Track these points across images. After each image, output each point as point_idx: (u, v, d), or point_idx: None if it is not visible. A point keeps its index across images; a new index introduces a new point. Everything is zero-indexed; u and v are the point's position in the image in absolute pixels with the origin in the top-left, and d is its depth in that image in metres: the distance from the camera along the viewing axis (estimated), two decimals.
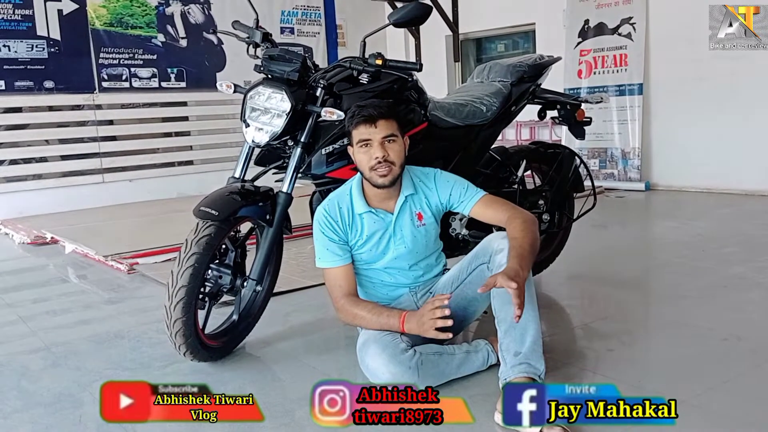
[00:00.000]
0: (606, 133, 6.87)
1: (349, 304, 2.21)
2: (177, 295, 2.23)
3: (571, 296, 3.27)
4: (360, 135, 2.17)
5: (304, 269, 3.75)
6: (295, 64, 2.42)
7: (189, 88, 7.23)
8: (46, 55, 6.36)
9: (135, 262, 4.12)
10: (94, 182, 6.76)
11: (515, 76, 3.06)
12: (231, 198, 2.35)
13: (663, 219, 5.45)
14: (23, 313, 3.29)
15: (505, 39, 8.43)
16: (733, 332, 2.55)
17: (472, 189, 2.30)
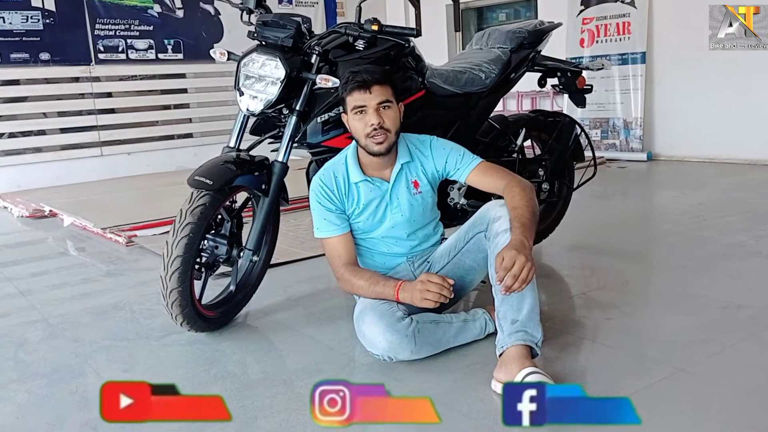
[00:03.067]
0: (608, 102, 6.80)
1: (348, 273, 2.19)
2: (172, 265, 2.22)
3: (570, 266, 3.25)
4: (354, 101, 2.13)
5: (302, 241, 3.73)
6: (289, 30, 2.38)
7: (186, 59, 7.16)
8: (41, 26, 6.28)
9: (133, 235, 4.10)
10: (93, 155, 6.72)
11: (515, 42, 3.01)
12: (226, 167, 2.32)
13: (664, 189, 5.42)
14: (22, 286, 3.28)
15: (507, 8, 8.32)
16: (733, 300, 2.53)
17: (469, 156, 2.27)
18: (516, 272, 1.83)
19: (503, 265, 1.85)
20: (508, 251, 1.86)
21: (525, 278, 1.85)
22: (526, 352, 1.89)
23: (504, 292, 1.88)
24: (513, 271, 1.83)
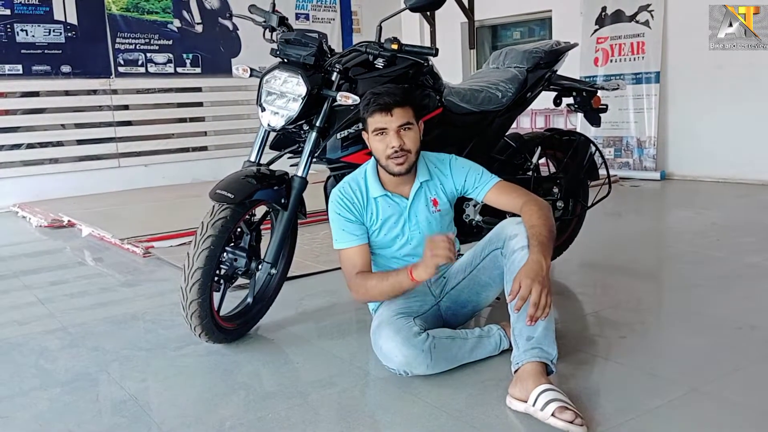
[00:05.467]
0: (622, 121, 6.82)
1: (360, 278, 2.21)
2: (193, 277, 2.25)
3: (583, 284, 3.26)
4: (375, 123, 2.17)
5: (317, 254, 3.76)
6: (311, 48, 2.43)
7: (204, 73, 7.25)
8: (63, 39, 6.40)
9: (150, 246, 4.16)
10: (110, 167, 6.80)
11: (531, 62, 3.05)
12: (246, 181, 2.37)
13: (678, 208, 5.42)
14: (41, 295, 3.33)
15: (521, 26, 8.37)
16: (747, 321, 2.54)
17: (487, 175, 2.30)
18: (535, 300, 1.85)
19: (520, 295, 1.87)
20: (524, 279, 1.88)
21: (544, 305, 1.87)
22: (542, 369, 1.91)
23: (528, 323, 1.90)
24: (532, 300, 1.85)
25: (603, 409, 1.88)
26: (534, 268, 1.90)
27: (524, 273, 1.90)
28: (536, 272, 1.89)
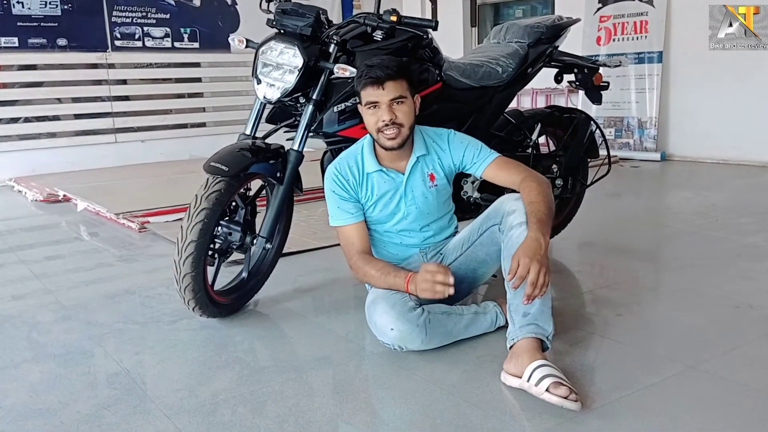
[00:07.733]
0: (623, 101, 6.77)
1: (361, 261, 2.19)
2: (186, 250, 2.23)
3: (581, 263, 3.25)
4: (368, 96, 2.13)
5: (314, 231, 3.74)
6: (308, 19, 2.39)
7: (202, 48, 7.17)
8: (59, 12, 6.31)
9: (146, 221, 4.13)
10: (107, 142, 6.76)
11: (532, 37, 3.00)
12: (241, 154, 2.33)
13: (677, 189, 5.39)
14: (36, 269, 3.31)
15: (523, 4, 8.28)
16: (745, 300, 2.52)
17: (486, 150, 2.27)
18: (533, 280, 1.83)
19: (518, 274, 1.84)
20: (523, 258, 1.85)
21: (542, 284, 1.85)
22: (537, 345, 1.89)
23: (525, 302, 1.88)
24: (530, 279, 1.83)
25: (598, 385, 1.87)
26: (532, 247, 1.88)
27: (522, 251, 1.87)
28: (534, 250, 1.87)
